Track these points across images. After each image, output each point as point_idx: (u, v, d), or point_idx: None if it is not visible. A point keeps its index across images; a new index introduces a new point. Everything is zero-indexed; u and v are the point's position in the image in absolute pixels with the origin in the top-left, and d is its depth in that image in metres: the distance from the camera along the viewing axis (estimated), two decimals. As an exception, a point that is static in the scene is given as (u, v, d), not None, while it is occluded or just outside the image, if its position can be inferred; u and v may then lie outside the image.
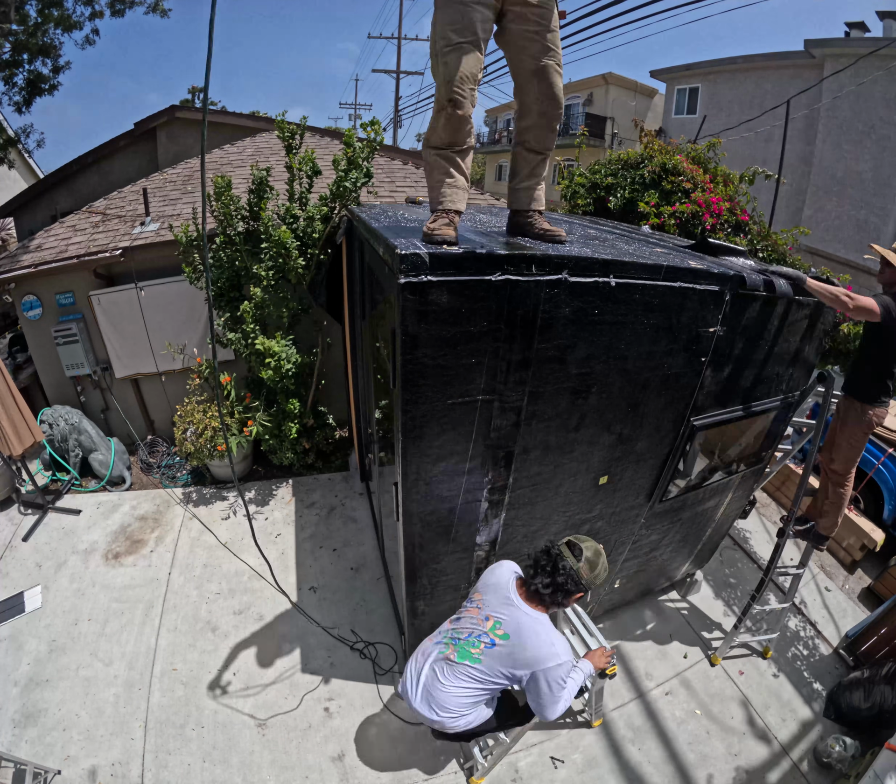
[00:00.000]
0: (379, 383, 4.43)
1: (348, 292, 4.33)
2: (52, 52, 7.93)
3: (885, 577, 4.54)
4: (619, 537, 3.29)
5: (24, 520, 4.70)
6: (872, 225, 11.45)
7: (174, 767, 2.98)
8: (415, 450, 2.22)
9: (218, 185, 4.23)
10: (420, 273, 1.85)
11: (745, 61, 14.27)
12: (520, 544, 2.87)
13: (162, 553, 4.42)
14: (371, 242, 2.62)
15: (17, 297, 5.34)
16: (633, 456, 2.86)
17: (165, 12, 8.21)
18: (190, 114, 8.43)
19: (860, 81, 10.81)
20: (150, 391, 5.80)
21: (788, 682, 3.75)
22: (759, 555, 4.92)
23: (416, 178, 6.94)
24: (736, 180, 5.49)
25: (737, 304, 2.57)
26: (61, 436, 5.14)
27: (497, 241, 2.27)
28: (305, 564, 4.36)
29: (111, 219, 5.67)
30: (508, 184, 2.39)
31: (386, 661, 3.62)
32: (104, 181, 8.52)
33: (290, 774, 2.99)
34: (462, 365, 2.07)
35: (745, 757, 3.26)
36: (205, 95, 1.75)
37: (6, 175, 11.65)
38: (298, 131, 4.36)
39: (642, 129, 6.46)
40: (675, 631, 4.04)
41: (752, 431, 3.41)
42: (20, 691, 3.32)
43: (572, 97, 20.00)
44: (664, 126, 17.16)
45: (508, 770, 3.10)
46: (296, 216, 4.40)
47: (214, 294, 4.68)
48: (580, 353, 2.28)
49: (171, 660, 3.56)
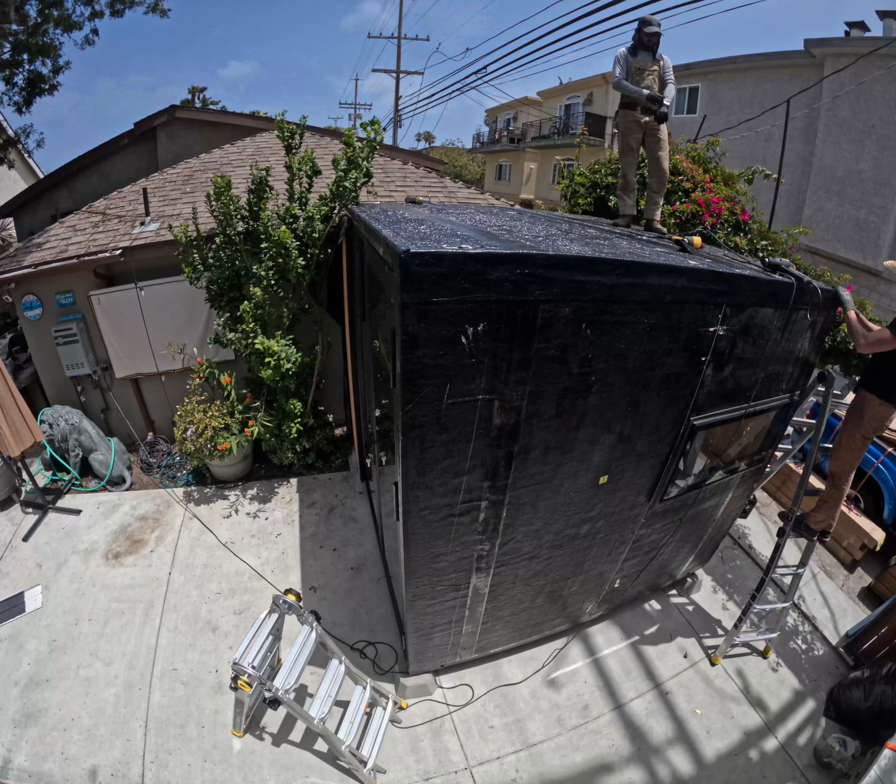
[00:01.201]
0: (379, 383, 4.43)
1: (348, 292, 4.33)
2: (52, 52, 7.93)
3: (886, 576, 4.53)
4: (620, 537, 3.29)
5: (24, 520, 4.70)
6: (872, 224, 11.43)
7: (174, 767, 2.98)
8: (415, 450, 2.22)
9: (218, 185, 4.23)
10: (420, 273, 1.85)
11: (745, 61, 14.24)
12: (520, 544, 2.87)
13: (162, 553, 4.42)
14: (371, 242, 2.63)
15: (17, 297, 5.34)
16: (633, 455, 2.86)
17: (165, 12, 8.21)
18: (190, 113, 8.43)
19: (860, 81, 10.79)
20: (150, 391, 5.80)
21: (788, 681, 3.74)
22: (759, 554, 4.92)
23: (415, 178, 6.93)
24: (736, 180, 5.49)
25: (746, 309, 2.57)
26: (61, 436, 5.14)
27: (497, 240, 2.27)
28: (306, 564, 4.36)
29: (111, 219, 5.67)
30: (645, 207, 4.28)
31: (386, 661, 3.62)
32: (104, 181, 8.52)
33: (290, 774, 2.99)
34: (462, 364, 2.07)
35: (746, 757, 3.26)
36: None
37: (6, 175, 11.65)
38: (298, 131, 4.36)
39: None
40: (676, 630, 4.04)
41: (752, 431, 3.41)
42: (20, 691, 3.33)
43: (572, 97, 20.01)
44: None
45: (508, 770, 3.10)
46: (295, 216, 4.39)
47: (214, 294, 4.68)
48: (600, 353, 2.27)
49: (172, 659, 3.56)
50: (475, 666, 3.64)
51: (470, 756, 3.15)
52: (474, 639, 3.35)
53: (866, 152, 11.49)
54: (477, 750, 3.18)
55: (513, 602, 3.22)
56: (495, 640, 3.50)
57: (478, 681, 3.56)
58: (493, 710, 3.39)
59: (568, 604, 3.57)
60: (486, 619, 3.23)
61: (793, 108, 10.14)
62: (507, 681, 3.58)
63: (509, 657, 3.72)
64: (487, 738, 3.24)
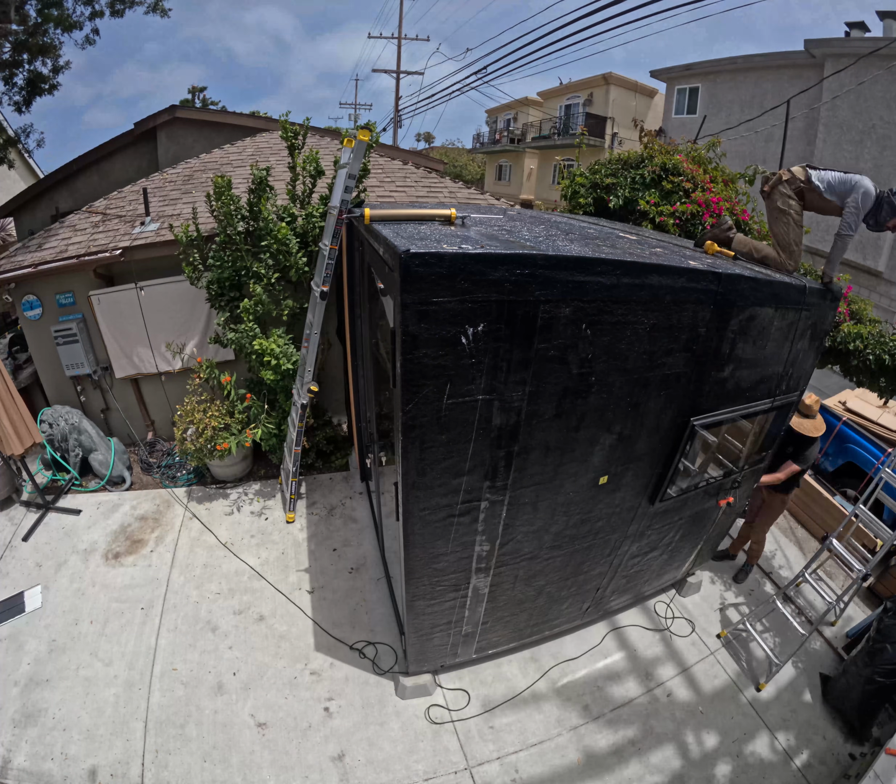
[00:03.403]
0: (379, 383, 4.43)
1: (348, 291, 4.33)
2: (52, 52, 7.92)
3: (886, 577, 4.53)
4: (620, 537, 3.29)
5: (24, 520, 4.70)
6: (872, 225, 11.44)
7: (174, 767, 2.98)
8: (415, 450, 2.22)
9: (218, 185, 4.24)
10: (420, 273, 1.85)
11: (745, 61, 14.26)
12: (520, 544, 2.87)
13: (162, 553, 4.42)
14: (371, 242, 2.63)
15: (17, 297, 5.34)
16: (633, 456, 2.86)
17: (165, 12, 8.19)
18: (190, 113, 8.42)
19: (860, 81, 10.80)
20: (150, 391, 5.80)
21: (788, 681, 3.74)
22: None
23: (415, 178, 6.93)
24: (736, 180, 5.49)
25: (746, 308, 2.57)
26: (61, 436, 5.14)
27: (497, 240, 2.27)
28: (306, 564, 4.36)
29: (111, 219, 5.67)
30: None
31: (386, 661, 3.61)
32: (104, 181, 8.50)
33: (290, 774, 2.99)
34: (462, 365, 2.07)
35: (746, 756, 3.26)
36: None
37: (6, 175, 11.64)
38: (301, 131, 4.37)
39: (642, 129, 6.46)
40: (675, 630, 4.04)
41: (752, 431, 3.41)
42: (20, 691, 3.32)
43: (572, 97, 20.02)
44: (664, 126, 17.15)
45: (508, 770, 3.10)
46: (294, 215, 4.40)
47: (214, 294, 4.68)
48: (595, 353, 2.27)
49: (171, 660, 3.56)
50: (475, 666, 3.64)
51: (470, 756, 3.15)
52: (474, 639, 3.35)
53: (866, 152, 11.50)
54: (477, 750, 3.18)
55: (513, 602, 3.22)
56: (495, 640, 3.50)
57: (477, 681, 3.56)
58: (493, 711, 3.39)
59: (568, 604, 3.57)
60: (486, 620, 3.23)
61: (793, 109, 10.15)
62: (507, 681, 3.58)
63: (509, 657, 3.72)
64: (487, 739, 3.24)
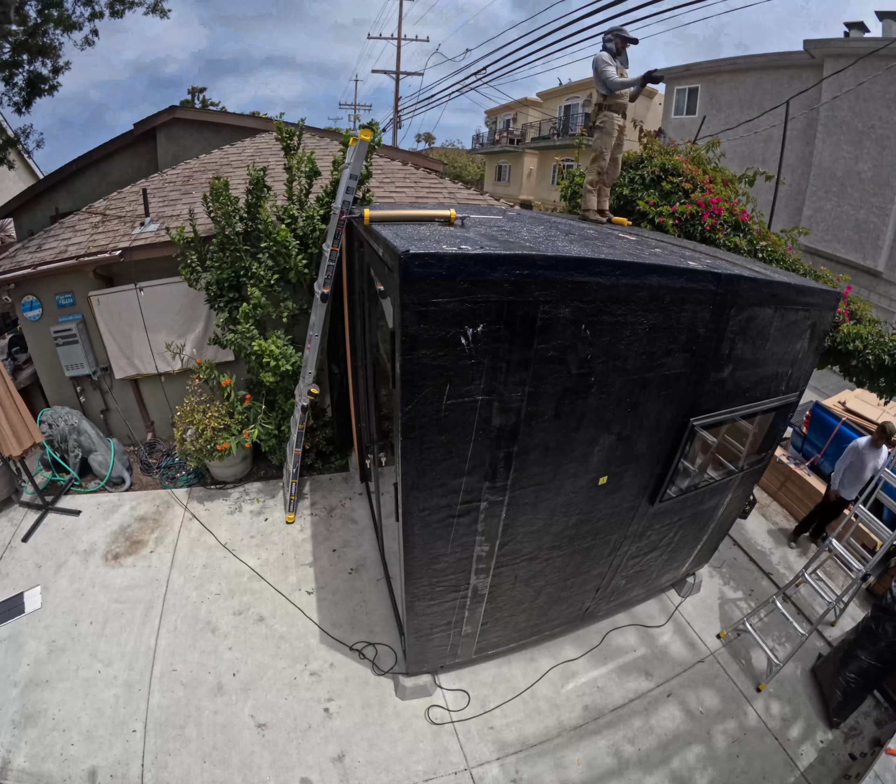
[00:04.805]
0: (378, 384, 4.43)
1: (348, 292, 4.33)
2: (52, 53, 7.93)
3: (886, 577, 4.53)
4: (619, 537, 3.29)
5: (23, 520, 4.70)
6: (872, 225, 11.44)
7: (174, 768, 2.98)
8: (414, 450, 2.22)
9: (215, 187, 4.23)
10: (420, 274, 1.85)
11: (744, 61, 14.25)
12: (520, 545, 2.87)
13: (162, 554, 4.41)
14: (371, 243, 2.63)
15: (16, 298, 5.33)
16: (633, 456, 2.86)
17: (165, 13, 8.21)
18: (189, 114, 8.42)
19: (860, 81, 10.81)
20: (149, 392, 5.80)
21: (788, 682, 3.74)
22: (758, 554, 4.92)
23: (415, 179, 6.93)
24: (735, 181, 5.49)
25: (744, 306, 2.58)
26: (61, 436, 5.14)
27: (496, 241, 2.27)
28: (305, 565, 4.35)
29: (111, 219, 5.67)
30: (599, 200, 4.56)
31: (385, 662, 3.61)
32: (104, 182, 8.51)
33: (289, 775, 2.99)
34: (462, 365, 2.07)
35: (746, 757, 3.26)
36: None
37: (6, 175, 11.64)
38: (296, 132, 4.36)
39: (642, 130, 6.45)
40: (675, 631, 4.04)
41: (751, 431, 3.41)
42: (20, 692, 3.32)
43: (572, 97, 20.00)
44: (664, 126, 17.15)
45: (508, 771, 3.10)
46: (294, 216, 4.40)
47: (214, 294, 4.67)
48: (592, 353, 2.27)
49: (171, 660, 3.56)
50: (475, 666, 3.64)
51: (469, 757, 3.14)
52: (474, 640, 3.35)
53: (865, 153, 11.50)
54: (477, 750, 3.18)
55: (512, 603, 3.22)
56: (495, 640, 3.50)
57: (477, 681, 3.56)
58: (493, 711, 3.39)
59: (567, 604, 3.57)
60: (486, 620, 3.23)
61: (792, 109, 10.16)
62: (507, 681, 3.57)
63: (509, 658, 3.72)
64: (487, 739, 3.24)
